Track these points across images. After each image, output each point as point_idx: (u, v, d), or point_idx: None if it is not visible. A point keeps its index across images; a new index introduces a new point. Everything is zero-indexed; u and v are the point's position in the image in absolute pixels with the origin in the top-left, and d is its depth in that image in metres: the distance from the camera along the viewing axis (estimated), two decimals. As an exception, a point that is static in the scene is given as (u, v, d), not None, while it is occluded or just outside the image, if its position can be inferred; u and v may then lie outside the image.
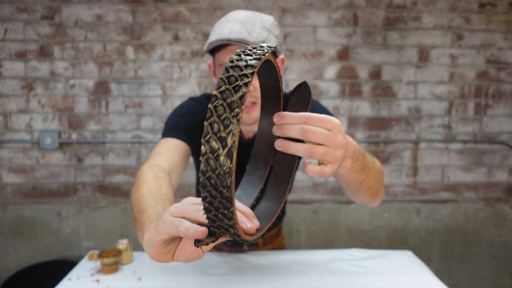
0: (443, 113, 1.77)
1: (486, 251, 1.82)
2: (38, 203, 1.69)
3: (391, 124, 1.76)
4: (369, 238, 1.79)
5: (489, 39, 1.73)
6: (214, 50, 0.83)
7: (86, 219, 1.69)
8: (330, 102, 1.73)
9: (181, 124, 0.88)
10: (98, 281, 0.92)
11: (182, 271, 0.96)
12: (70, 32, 1.63)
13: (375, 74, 1.73)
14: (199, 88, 1.69)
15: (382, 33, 1.70)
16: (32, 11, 1.61)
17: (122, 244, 1.01)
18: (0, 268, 1.70)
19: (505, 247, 1.82)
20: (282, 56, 0.89)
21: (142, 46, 1.66)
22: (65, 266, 1.49)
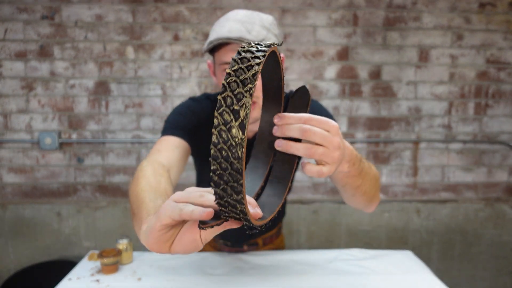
0: (443, 113, 1.77)
1: (486, 251, 1.82)
2: (38, 203, 1.69)
3: (391, 124, 1.76)
4: (369, 238, 1.79)
5: (489, 39, 1.73)
6: (214, 49, 0.83)
7: (86, 219, 1.69)
8: (330, 102, 1.73)
9: (181, 123, 0.87)
10: (98, 281, 0.92)
11: (182, 271, 0.96)
12: (70, 32, 1.63)
13: (375, 74, 1.73)
14: (199, 88, 1.69)
15: (382, 33, 1.70)
16: (32, 11, 1.61)
17: (122, 244, 1.01)
18: (0, 268, 1.70)
19: (505, 247, 1.82)
20: (282, 55, 0.89)
21: (142, 46, 1.66)
22: (65, 266, 1.49)
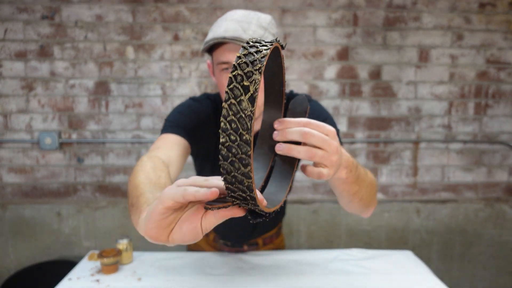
0: (443, 113, 1.77)
1: (486, 251, 1.82)
2: (38, 203, 1.69)
3: (391, 124, 1.76)
4: (369, 238, 1.79)
5: (489, 39, 1.73)
6: (212, 49, 0.83)
7: (86, 219, 1.69)
8: (330, 102, 1.73)
9: (181, 122, 0.86)
10: (98, 281, 0.92)
11: (182, 271, 0.96)
12: (70, 32, 1.63)
13: (375, 74, 1.73)
14: (199, 88, 1.69)
15: (382, 33, 1.70)
16: (32, 11, 1.61)
17: (122, 244, 1.01)
18: (0, 268, 1.70)
19: (505, 247, 1.82)
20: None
21: (142, 46, 1.66)
22: (65, 266, 1.49)
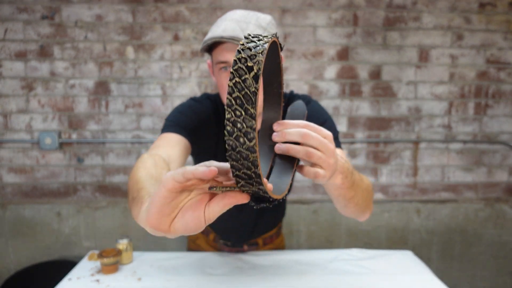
0: (443, 113, 1.77)
1: (486, 251, 1.82)
2: (38, 203, 1.69)
3: (391, 124, 1.76)
4: (369, 238, 1.79)
5: (489, 39, 1.73)
6: (211, 49, 0.83)
7: (86, 219, 1.69)
8: (330, 102, 1.73)
9: (182, 121, 0.86)
10: (98, 281, 0.92)
11: (182, 271, 0.96)
12: (70, 32, 1.63)
13: (375, 74, 1.73)
14: (199, 88, 1.69)
15: (382, 33, 1.70)
16: (32, 11, 1.61)
17: (122, 244, 1.01)
18: (0, 268, 1.70)
19: (505, 247, 1.82)
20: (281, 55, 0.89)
21: (142, 46, 1.66)
22: (65, 266, 1.49)
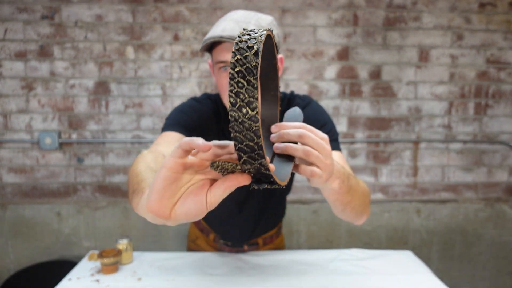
0: (443, 113, 1.77)
1: (486, 251, 1.82)
2: (38, 203, 1.69)
3: (391, 124, 1.76)
4: (369, 238, 1.79)
5: (489, 39, 1.73)
6: (211, 49, 0.83)
7: (86, 219, 1.69)
8: (330, 102, 1.73)
9: (182, 120, 0.86)
10: (98, 281, 0.92)
11: (182, 271, 0.96)
12: (70, 32, 1.63)
13: (375, 74, 1.73)
14: (199, 88, 1.69)
15: (382, 33, 1.70)
16: (32, 11, 1.61)
17: (122, 244, 1.01)
18: (0, 268, 1.70)
19: (505, 247, 1.82)
20: (281, 55, 0.89)
21: (142, 46, 1.66)
22: (65, 266, 1.49)
